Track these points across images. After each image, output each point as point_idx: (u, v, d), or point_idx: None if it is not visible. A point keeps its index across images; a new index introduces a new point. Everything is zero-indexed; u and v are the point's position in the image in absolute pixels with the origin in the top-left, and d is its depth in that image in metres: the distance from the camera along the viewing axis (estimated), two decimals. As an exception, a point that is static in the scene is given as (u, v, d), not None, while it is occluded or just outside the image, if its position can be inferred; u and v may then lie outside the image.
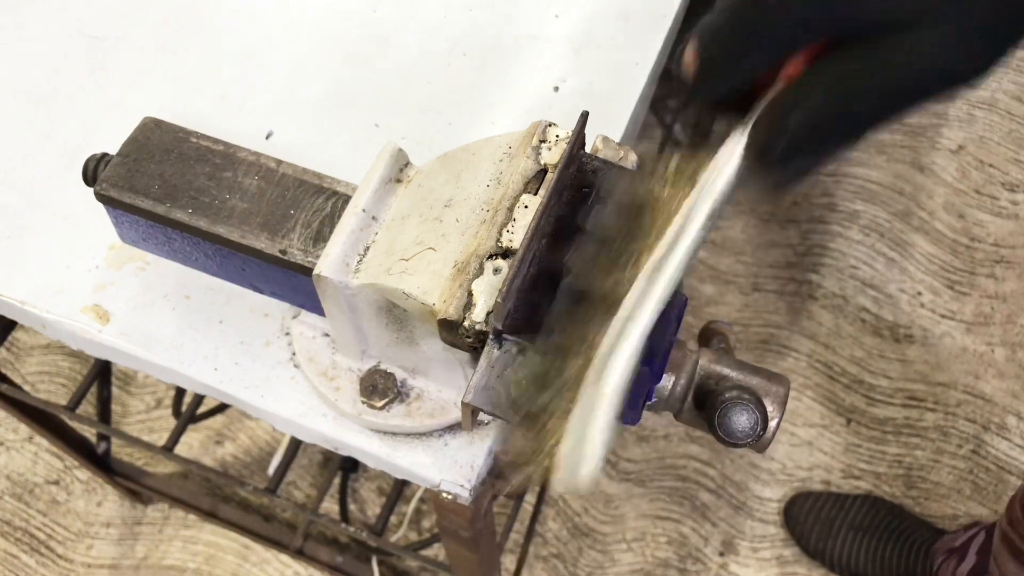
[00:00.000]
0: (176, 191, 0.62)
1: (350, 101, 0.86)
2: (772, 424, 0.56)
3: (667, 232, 0.46)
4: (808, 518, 1.64)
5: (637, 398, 0.58)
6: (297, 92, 0.86)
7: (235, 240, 0.60)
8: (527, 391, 0.50)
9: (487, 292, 0.52)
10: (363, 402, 0.68)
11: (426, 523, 1.65)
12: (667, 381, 0.59)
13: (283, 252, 0.60)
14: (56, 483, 1.69)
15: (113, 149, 0.65)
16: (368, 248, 0.58)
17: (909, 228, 1.93)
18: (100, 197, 0.63)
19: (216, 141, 0.64)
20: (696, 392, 0.59)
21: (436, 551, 1.57)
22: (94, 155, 0.65)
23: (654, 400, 0.60)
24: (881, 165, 2.01)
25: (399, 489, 1.22)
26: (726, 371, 0.59)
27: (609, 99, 0.86)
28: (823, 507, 1.64)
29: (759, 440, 0.55)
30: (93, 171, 0.64)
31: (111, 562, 1.62)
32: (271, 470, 1.50)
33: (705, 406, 0.57)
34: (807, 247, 1.91)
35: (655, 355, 0.55)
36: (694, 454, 1.71)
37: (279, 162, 0.63)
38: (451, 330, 0.52)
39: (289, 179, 0.62)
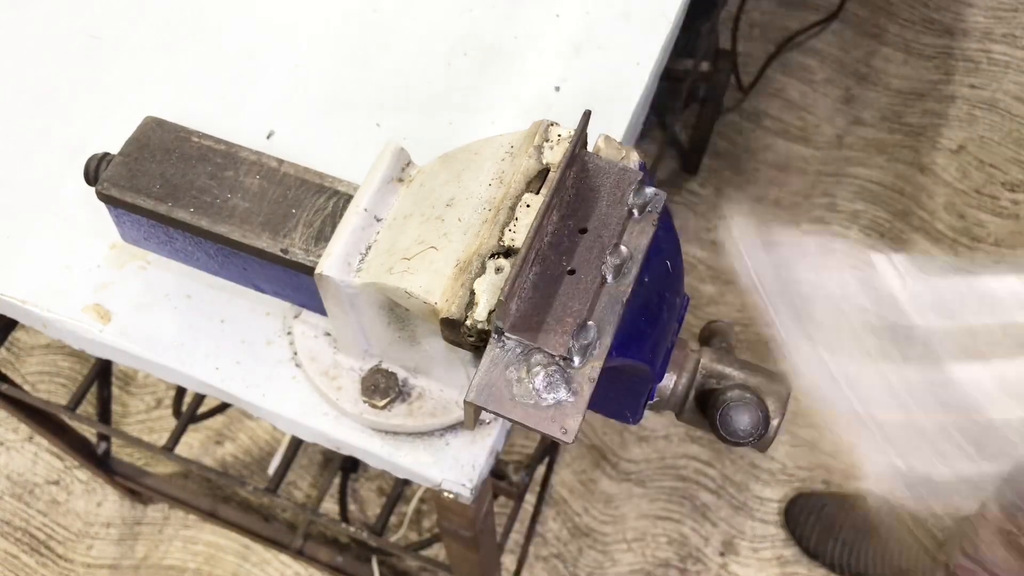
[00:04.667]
0: (178, 190, 0.62)
1: (351, 101, 0.86)
2: (774, 423, 0.56)
3: None
4: (809, 519, 1.64)
5: (639, 398, 0.58)
6: (298, 92, 0.86)
7: (237, 239, 0.60)
8: None
9: (489, 291, 0.52)
10: (365, 401, 0.68)
11: (426, 523, 1.65)
12: (668, 380, 0.59)
13: (285, 251, 0.60)
14: (56, 483, 1.69)
15: (114, 149, 0.65)
16: (370, 247, 0.58)
17: (909, 228, 1.93)
18: (102, 196, 0.63)
19: (217, 141, 0.64)
20: (698, 391, 0.59)
21: (436, 551, 1.57)
22: (95, 154, 0.65)
23: (656, 399, 0.60)
24: (881, 165, 2.01)
25: (399, 489, 1.22)
26: (728, 370, 0.59)
27: (610, 99, 0.86)
28: (823, 507, 1.64)
29: (761, 439, 0.55)
30: (95, 170, 0.64)
31: (111, 562, 1.62)
32: (271, 470, 1.50)
33: (707, 405, 0.57)
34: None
35: (656, 355, 0.55)
36: (694, 454, 1.71)
37: (280, 161, 0.63)
38: (453, 329, 0.52)
39: (290, 178, 0.62)
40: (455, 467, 0.69)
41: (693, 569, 1.63)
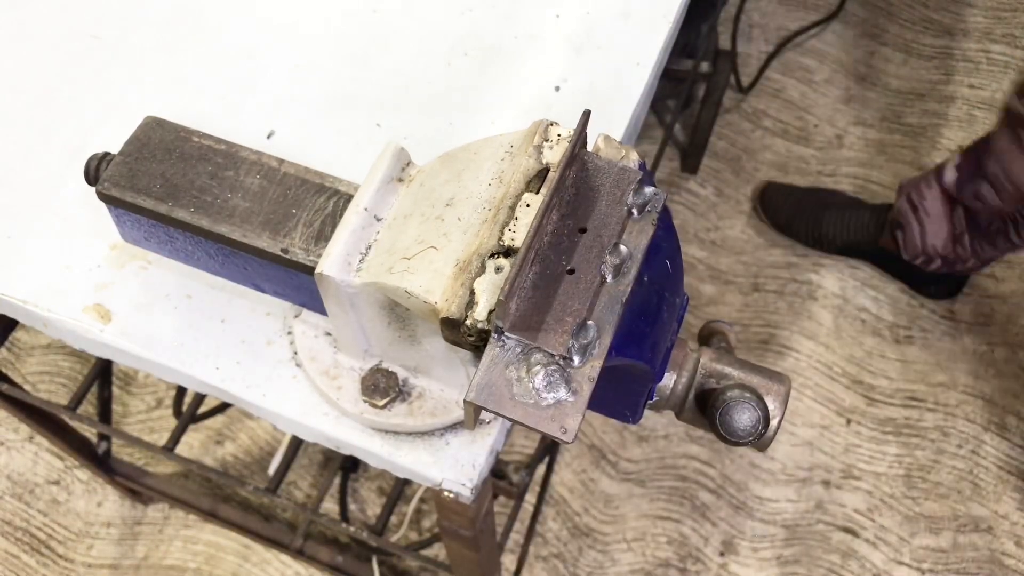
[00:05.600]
0: (178, 190, 0.62)
1: (351, 101, 0.86)
2: (774, 422, 0.56)
3: None
4: (781, 201, 1.89)
5: (639, 397, 0.58)
6: (298, 92, 0.87)
7: (237, 239, 0.60)
8: None
9: (489, 290, 0.52)
10: (365, 401, 0.68)
11: (426, 523, 1.65)
12: (668, 380, 0.59)
13: (285, 251, 0.60)
14: (56, 483, 1.69)
15: (114, 149, 0.65)
16: (370, 247, 0.58)
17: (909, 228, 1.94)
18: (102, 196, 0.63)
19: (218, 140, 0.64)
20: (697, 391, 0.59)
21: (436, 551, 1.57)
22: (96, 154, 0.65)
23: (655, 399, 0.60)
24: (881, 165, 2.01)
25: (399, 489, 1.22)
26: (727, 370, 0.59)
27: (610, 99, 0.86)
28: (792, 193, 1.89)
29: (761, 438, 0.55)
30: (95, 170, 0.64)
31: (111, 562, 1.62)
32: (271, 470, 1.50)
33: (707, 404, 0.57)
34: (807, 247, 1.91)
35: (656, 354, 0.55)
36: (694, 454, 1.72)
37: (281, 161, 0.63)
38: (453, 328, 0.52)
39: (291, 178, 0.62)
40: (455, 467, 0.69)
41: (693, 569, 1.63)
